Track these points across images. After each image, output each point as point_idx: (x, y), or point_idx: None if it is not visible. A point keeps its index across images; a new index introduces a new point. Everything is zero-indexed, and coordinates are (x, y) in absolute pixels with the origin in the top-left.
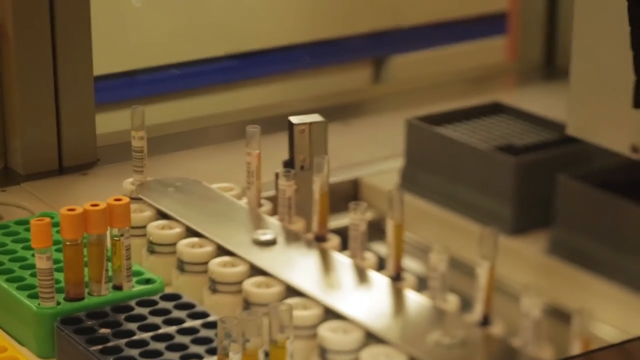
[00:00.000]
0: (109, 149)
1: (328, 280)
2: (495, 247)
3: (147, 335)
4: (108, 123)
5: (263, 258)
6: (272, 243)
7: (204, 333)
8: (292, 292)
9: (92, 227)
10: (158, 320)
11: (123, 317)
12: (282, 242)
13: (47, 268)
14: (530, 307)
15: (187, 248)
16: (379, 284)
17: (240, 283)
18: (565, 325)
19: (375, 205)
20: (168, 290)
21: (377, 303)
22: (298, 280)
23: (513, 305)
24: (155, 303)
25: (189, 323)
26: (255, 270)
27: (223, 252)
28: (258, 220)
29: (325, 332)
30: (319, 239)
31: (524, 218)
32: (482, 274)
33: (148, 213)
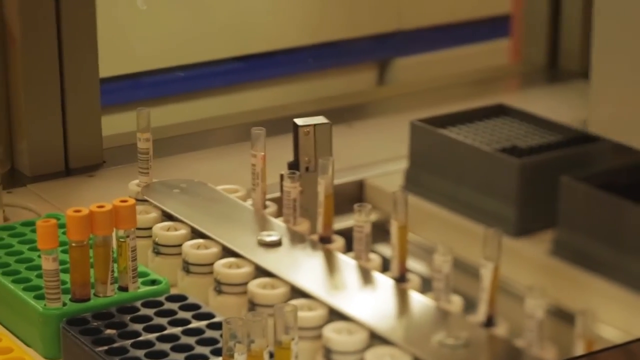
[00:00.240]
0: (115, 151)
1: (333, 282)
2: (499, 248)
3: (152, 336)
4: (114, 125)
5: (268, 259)
6: (277, 244)
7: (209, 334)
8: (297, 293)
9: (98, 228)
10: (163, 321)
11: (129, 318)
12: (287, 243)
13: (53, 269)
14: (534, 308)
15: (192, 249)
16: (384, 285)
17: (246, 284)
18: (569, 326)
19: (380, 207)
20: (173, 292)
21: (381, 304)
22: (303, 282)
23: (517, 306)
24: (161, 304)
25: (195, 324)
26: (261, 272)
27: (228, 253)
28: (263, 222)
29: (330, 333)
30: (324, 241)
31: (528, 219)
32: (486, 275)
33: (154, 214)
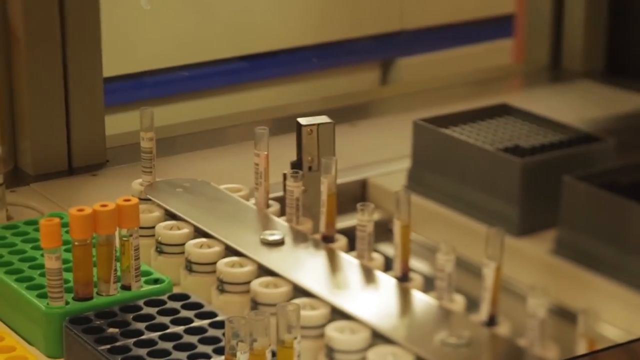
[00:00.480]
0: (118, 150)
1: (335, 281)
2: (502, 247)
3: (155, 335)
4: (117, 124)
5: (271, 258)
6: (280, 243)
7: (212, 333)
8: (299, 292)
9: (101, 227)
10: (166, 320)
11: (131, 316)
12: (289, 242)
13: (56, 268)
14: (536, 307)
15: (195, 248)
16: (386, 284)
17: (248, 283)
18: (571, 326)
19: (383, 206)
20: (176, 290)
21: (384, 303)
22: (305, 281)
23: (519, 306)
24: (164, 303)
25: (197, 323)
26: (263, 271)
27: (231, 252)
28: (266, 221)
29: (333, 332)
30: (327, 240)
31: (530, 219)
32: (488, 275)
33: (157, 213)
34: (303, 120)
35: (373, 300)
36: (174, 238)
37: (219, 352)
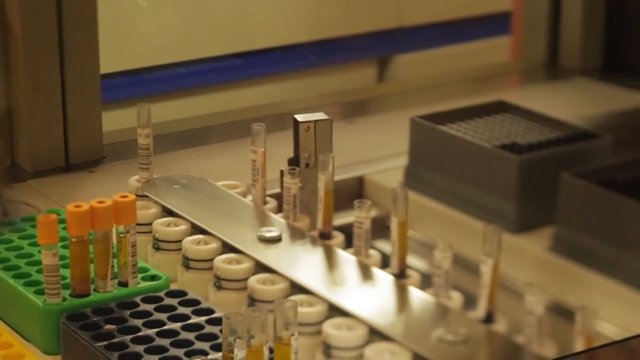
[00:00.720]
0: (115, 147)
1: (332, 278)
2: (499, 244)
3: (152, 332)
4: (114, 121)
5: (268, 255)
6: (277, 240)
7: (209, 329)
8: (296, 289)
9: (98, 223)
10: (163, 317)
11: (128, 313)
12: (287, 239)
13: (53, 264)
14: (534, 304)
15: (192, 245)
16: (383, 281)
17: (245, 280)
18: (569, 323)
19: (380, 203)
20: (173, 287)
21: (381, 300)
22: (303, 277)
23: (517, 303)
24: (161, 299)
25: (194, 319)
26: (260, 267)
27: (228, 249)
28: (263, 218)
29: (330, 328)
30: (324, 237)
31: (528, 216)
32: (485, 272)
33: (154, 210)
34: (300, 117)
35: (370, 297)
36: (171, 235)
37: (216, 348)
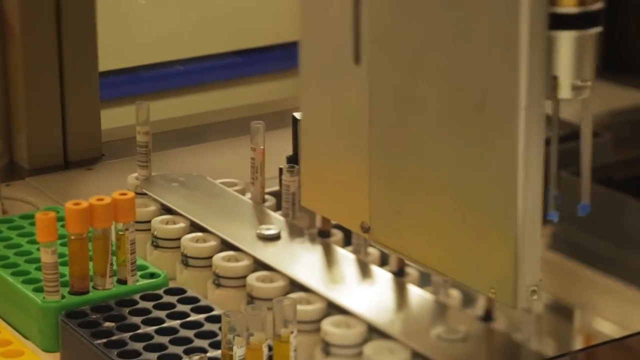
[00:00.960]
0: (114, 144)
1: (331, 275)
2: None
3: (151, 329)
4: (113, 118)
5: (267, 253)
6: (276, 238)
7: (208, 327)
8: (295, 286)
9: (97, 221)
10: (162, 314)
11: (127, 311)
12: (285, 237)
13: (52, 262)
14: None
15: (191, 243)
16: (382, 279)
17: (244, 277)
18: (567, 321)
19: None
20: (172, 285)
21: (380, 298)
22: (302, 275)
23: None
24: (160, 297)
25: (193, 317)
26: (259, 265)
27: (227, 246)
28: (262, 216)
29: (329, 326)
30: (323, 234)
31: None
32: None
33: (152, 208)
34: (299, 115)
35: (369, 295)
36: (170, 232)
37: (215, 346)
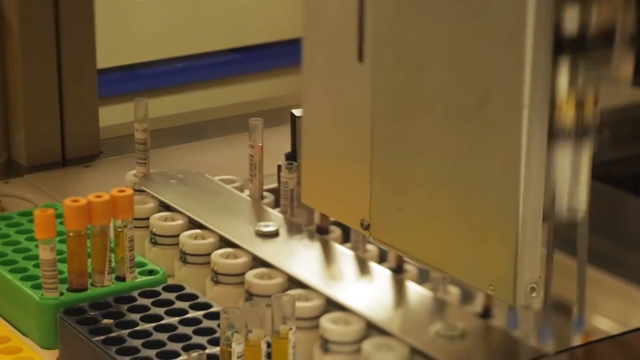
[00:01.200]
0: (112, 142)
1: (330, 272)
2: None
3: (149, 326)
4: (111, 116)
5: (265, 250)
6: (274, 235)
7: (207, 324)
8: (294, 283)
9: (95, 218)
10: (161, 311)
11: (126, 307)
12: (284, 234)
13: (50, 259)
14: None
15: (189, 240)
16: (381, 276)
17: (243, 274)
18: (566, 318)
19: None
20: (171, 282)
21: (378, 295)
22: (300, 272)
23: None
24: (158, 294)
25: (192, 314)
26: (258, 262)
27: (225, 243)
28: (260, 212)
29: (327, 323)
30: (321, 231)
31: None
32: None
33: (151, 205)
34: (297, 112)
35: (367, 292)
36: (169, 229)
37: (214, 343)
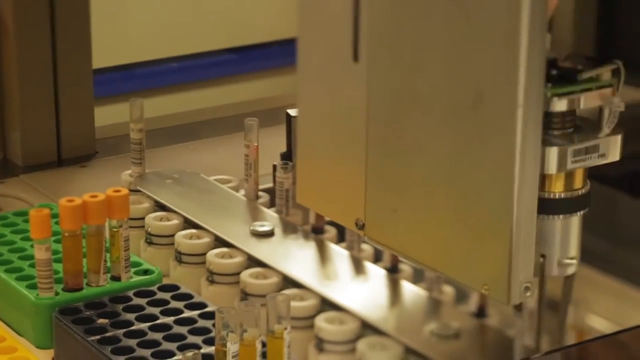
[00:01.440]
0: (108, 142)
1: (325, 272)
2: None
3: (145, 326)
4: (107, 116)
5: (260, 249)
6: (269, 234)
7: (202, 323)
8: (289, 283)
9: (91, 218)
10: (156, 311)
11: (121, 307)
12: (279, 233)
13: (45, 259)
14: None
15: (185, 239)
16: (376, 276)
17: (238, 274)
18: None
19: None
20: (166, 281)
21: (373, 294)
22: (295, 272)
23: None
24: (153, 294)
25: (187, 314)
26: (253, 262)
27: (221, 243)
28: (256, 212)
29: (322, 322)
30: (316, 231)
31: None
32: None
33: (146, 205)
34: (293, 112)
35: (362, 291)
36: (164, 229)
37: (209, 342)
